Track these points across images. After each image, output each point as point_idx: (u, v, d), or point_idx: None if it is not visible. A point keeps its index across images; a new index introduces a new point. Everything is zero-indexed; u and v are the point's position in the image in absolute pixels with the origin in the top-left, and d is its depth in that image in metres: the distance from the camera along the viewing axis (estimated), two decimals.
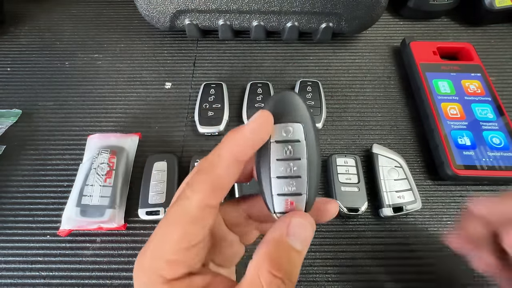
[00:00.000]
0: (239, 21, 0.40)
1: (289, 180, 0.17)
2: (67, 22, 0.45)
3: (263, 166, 0.17)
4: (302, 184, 0.17)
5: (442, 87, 0.36)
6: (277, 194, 0.17)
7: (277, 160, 0.17)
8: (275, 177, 0.17)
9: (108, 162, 0.31)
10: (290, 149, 0.16)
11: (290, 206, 0.17)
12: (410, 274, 0.28)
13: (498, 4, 0.41)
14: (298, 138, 0.17)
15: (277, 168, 0.17)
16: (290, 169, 0.17)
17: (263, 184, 0.17)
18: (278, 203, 0.17)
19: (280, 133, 0.17)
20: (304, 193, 0.17)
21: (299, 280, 0.28)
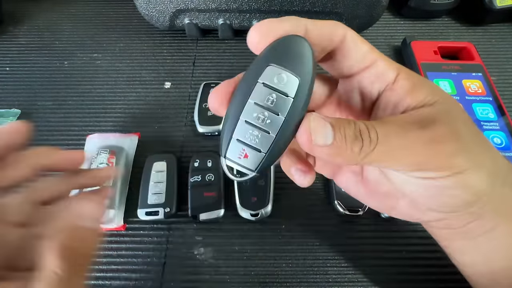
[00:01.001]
0: (239, 21, 0.40)
1: (256, 131, 0.15)
2: (66, 22, 0.45)
3: (237, 102, 0.15)
4: (267, 141, 0.15)
5: (443, 87, 0.36)
6: (237, 139, 0.15)
7: (254, 103, 0.15)
8: (244, 120, 0.15)
9: (107, 162, 0.31)
10: (273, 99, 0.14)
11: (243, 159, 0.15)
12: (412, 275, 0.28)
13: (499, 3, 0.41)
14: (288, 92, 0.14)
15: (250, 111, 0.15)
16: (263, 120, 0.14)
17: (228, 122, 0.15)
18: (233, 148, 0.15)
19: (272, 77, 0.14)
20: (264, 152, 0.15)
21: (299, 281, 0.27)
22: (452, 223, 0.19)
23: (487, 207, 0.17)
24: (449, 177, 0.16)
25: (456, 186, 0.16)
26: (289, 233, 0.30)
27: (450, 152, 0.16)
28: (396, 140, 0.15)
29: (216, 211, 0.29)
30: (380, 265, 0.28)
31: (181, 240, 0.29)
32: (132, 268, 0.28)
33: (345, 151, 0.15)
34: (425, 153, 0.15)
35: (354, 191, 0.22)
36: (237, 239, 0.29)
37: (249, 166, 0.15)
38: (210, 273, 0.28)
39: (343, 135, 0.15)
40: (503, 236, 0.19)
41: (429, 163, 0.16)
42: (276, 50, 0.15)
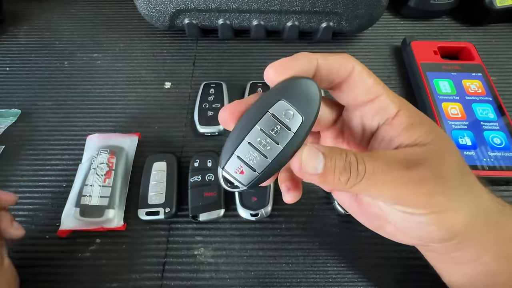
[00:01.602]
0: (239, 21, 0.40)
1: (256, 153, 0.17)
2: (66, 22, 0.45)
3: (245, 124, 0.17)
4: (263, 164, 0.17)
5: (443, 87, 0.36)
6: (237, 156, 0.17)
7: (260, 129, 0.17)
8: (248, 141, 0.17)
9: (107, 162, 0.31)
10: (277, 130, 0.17)
11: (239, 174, 0.17)
12: (412, 275, 0.28)
13: (499, 3, 0.41)
14: (291, 127, 0.17)
15: (255, 135, 0.17)
16: (264, 146, 0.17)
17: (233, 139, 0.17)
18: (232, 163, 0.17)
19: (281, 111, 0.17)
20: (258, 172, 0.17)
21: (299, 281, 0.28)
22: (436, 249, 0.20)
23: (468, 243, 0.19)
24: (425, 215, 0.17)
25: (431, 223, 0.17)
26: (289, 233, 0.30)
27: (430, 192, 0.17)
28: (381, 176, 0.17)
29: (216, 211, 0.29)
30: (380, 265, 0.28)
31: (181, 240, 0.29)
32: (132, 268, 0.28)
33: (333, 180, 0.17)
34: (406, 191, 0.17)
35: (348, 206, 0.23)
36: (237, 239, 0.29)
37: (242, 181, 0.17)
38: (210, 273, 0.28)
39: (333, 165, 0.16)
40: (487, 264, 0.20)
41: (408, 200, 0.17)
42: (289, 88, 0.17)
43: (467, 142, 0.32)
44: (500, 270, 0.20)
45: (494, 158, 0.31)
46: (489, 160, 0.31)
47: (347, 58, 0.18)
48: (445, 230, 0.18)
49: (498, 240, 0.19)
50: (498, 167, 0.31)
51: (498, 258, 0.20)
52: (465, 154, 0.32)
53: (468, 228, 0.18)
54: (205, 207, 0.29)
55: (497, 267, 0.20)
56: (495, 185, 0.32)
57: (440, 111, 0.34)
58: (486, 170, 0.31)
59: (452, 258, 0.20)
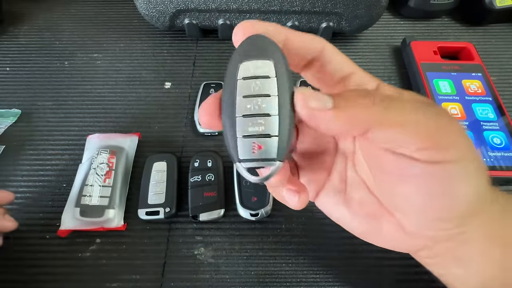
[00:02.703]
0: (239, 21, 0.39)
1: (257, 119, 0.14)
2: (67, 22, 0.45)
3: (227, 104, 0.15)
4: (272, 123, 0.14)
5: (443, 87, 0.36)
6: (243, 136, 0.14)
7: (243, 97, 0.15)
8: (241, 115, 0.14)
9: (107, 162, 0.31)
10: (258, 85, 0.14)
11: (258, 151, 0.14)
12: (412, 275, 0.28)
13: (499, 3, 0.41)
14: (268, 74, 0.15)
15: (243, 105, 0.14)
16: (258, 106, 0.14)
17: (227, 125, 0.15)
18: (243, 147, 0.14)
19: (248, 69, 0.15)
20: (275, 135, 0.14)
21: (299, 281, 0.28)
22: (439, 251, 0.18)
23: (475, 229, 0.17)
24: (457, 163, 0.15)
25: (465, 176, 0.15)
26: (289, 233, 0.30)
27: (458, 132, 0.15)
28: (411, 103, 0.15)
29: (216, 211, 0.29)
30: (380, 265, 0.28)
31: (181, 240, 0.29)
32: (132, 268, 0.28)
33: (354, 107, 0.14)
34: (436, 125, 0.14)
35: (335, 214, 0.20)
36: (237, 239, 0.29)
37: (268, 156, 0.14)
38: (210, 273, 0.28)
39: (347, 95, 0.14)
40: (497, 260, 0.18)
41: (440, 137, 0.14)
42: (243, 49, 0.15)
43: None
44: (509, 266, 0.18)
45: (494, 158, 0.31)
46: (489, 160, 0.31)
47: (316, 37, 0.17)
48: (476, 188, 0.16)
49: (503, 228, 0.18)
50: (498, 167, 0.31)
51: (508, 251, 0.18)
52: None
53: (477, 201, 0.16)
54: (205, 207, 0.29)
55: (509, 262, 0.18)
56: (495, 185, 0.32)
57: None
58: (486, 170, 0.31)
59: (458, 258, 0.18)
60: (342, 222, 0.21)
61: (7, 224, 0.26)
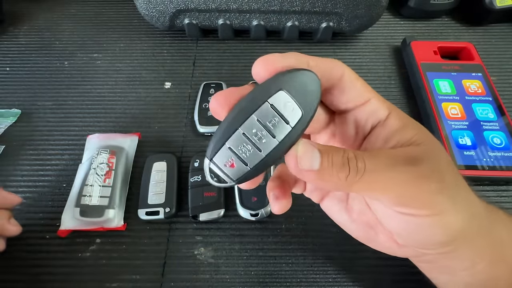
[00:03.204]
0: (239, 21, 0.40)
1: (250, 146, 0.15)
2: (67, 22, 0.45)
3: (240, 113, 0.15)
4: (256, 158, 0.15)
5: (443, 87, 0.36)
6: (229, 147, 0.15)
7: (257, 120, 0.15)
8: (242, 132, 0.15)
9: (107, 162, 0.31)
10: (274, 123, 0.15)
11: (228, 168, 0.16)
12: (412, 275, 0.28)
13: (499, 3, 0.41)
14: (290, 120, 0.15)
15: (250, 125, 0.15)
16: (259, 138, 0.15)
17: (224, 128, 0.15)
18: (222, 154, 0.15)
19: (282, 101, 0.15)
20: (249, 168, 0.15)
21: (299, 281, 0.28)
22: (430, 260, 0.20)
23: (463, 249, 0.18)
24: (429, 217, 0.16)
25: (434, 226, 0.17)
26: (289, 233, 0.30)
27: (432, 191, 0.16)
28: (383, 173, 0.16)
29: (216, 211, 0.29)
30: (380, 265, 0.28)
31: (181, 240, 0.29)
32: (132, 268, 0.28)
33: (331, 177, 0.16)
34: (409, 189, 0.16)
35: (337, 218, 0.23)
36: (237, 239, 0.29)
37: (232, 176, 0.16)
38: (210, 273, 0.28)
39: (330, 161, 0.16)
40: (481, 273, 0.20)
41: (412, 199, 0.16)
42: (291, 78, 0.15)
43: (467, 142, 0.32)
44: (498, 275, 0.20)
45: (494, 158, 0.31)
46: (489, 160, 0.31)
47: (337, 62, 0.18)
48: (446, 233, 0.17)
49: (491, 244, 0.19)
50: (498, 167, 0.31)
51: (494, 263, 0.19)
52: (465, 154, 0.32)
53: (465, 231, 0.18)
54: (205, 207, 0.29)
55: (494, 273, 0.20)
56: (495, 185, 0.32)
57: (440, 111, 0.34)
58: (486, 170, 0.31)
59: (447, 267, 0.20)
60: (342, 226, 0.23)
61: (11, 228, 0.26)
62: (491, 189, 0.32)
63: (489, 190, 0.32)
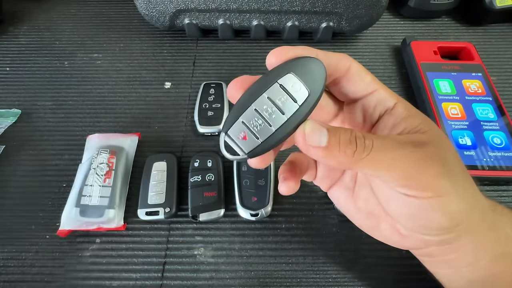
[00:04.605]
0: (239, 21, 0.40)
1: (261, 120, 0.17)
2: (67, 22, 0.45)
3: (253, 92, 0.17)
4: (267, 132, 0.17)
5: (443, 87, 0.36)
6: (242, 122, 0.17)
7: (267, 97, 0.17)
8: (254, 108, 0.17)
9: (107, 162, 0.31)
10: (284, 100, 0.17)
11: (241, 140, 0.17)
12: (412, 275, 0.28)
13: (499, 3, 0.41)
14: (297, 99, 0.17)
15: (262, 103, 0.17)
16: (270, 114, 0.17)
17: (239, 105, 0.17)
18: (236, 128, 0.17)
19: (291, 82, 0.17)
20: (260, 141, 0.17)
21: (299, 281, 0.28)
22: (432, 252, 0.20)
23: (465, 240, 0.18)
24: (430, 199, 0.17)
25: (435, 208, 0.17)
26: (289, 233, 0.30)
27: (436, 173, 0.17)
28: (390, 152, 0.17)
29: (216, 211, 0.29)
30: (380, 265, 0.28)
31: (181, 240, 0.29)
32: (132, 268, 0.28)
33: (338, 153, 0.16)
34: (414, 169, 0.17)
35: (343, 206, 0.24)
36: (237, 239, 0.29)
37: (244, 149, 0.17)
38: (210, 273, 0.28)
39: (338, 138, 0.16)
40: (484, 268, 0.20)
41: (416, 180, 0.17)
42: (297, 64, 0.17)
43: (467, 142, 0.32)
44: (501, 272, 0.20)
45: (494, 158, 0.31)
46: (489, 160, 0.31)
47: (344, 55, 0.19)
48: (448, 217, 0.17)
49: (495, 240, 0.19)
50: (498, 167, 0.31)
51: (497, 259, 0.20)
52: (465, 154, 0.32)
53: (467, 220, 0.18)
54: (205, 207, 0.29)
55: (497, 269, 0.20)
56: (495, 185, 0.32)
57: (440, 111, 0.34)
58: (486, 170, 0.31)
59: (449, 261, 0.20)
60: (347, 214, 0.24)
61: None
62: (491, 189, 0.32)
63: (489, 190, 0.32)
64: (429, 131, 0.18)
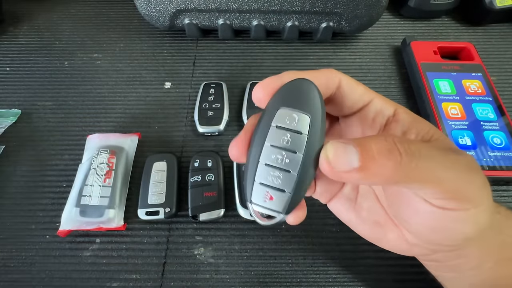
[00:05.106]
0: (239, 21, 0.40)
1: (277, 172, 0.15)
2: (67, 22, 0.45)
3: (255, 148, 0.16)
4: (290, 180, 0.15)
5: (443, 87, 0.36)
6: (260, 183, 0.15)
7: (271, 146, 0.15)
8: (264, 163, 0.15)
9: (107, 162, 0.31)
10: (288, 139, 0.15)
11: (268, 201, 0.15)
12: (412, 275, 0.28)
13: (499, 3, 0.41)
14: (301, 130, 0.15)
15: (268, 154, 0.15)
16: (282, 160, 0.15)
17: (249, 167, 0.16)
18: (257, 192, 0.15)
19: (284, 118, 0.15)
20: (288, 192, 0.15)
21: (299, 281, 0.28)
22: (438, 258, 0.20)
23: (472, 247, 0.18)
24: (468, 211, 0.15)
25: (467, 220, 0.15)
26: (289, 233, 0.30)
27: (481, 185, 0.15)
28: (439, 158, 0.14)
29: (216, 211, 0.29)
30: (380, 265, 0.28)
31: (181, 240, 0.29)
32: (132, 268, 0.28)
33: (378, 168, 0.13)
34: (462, 180, 0.15)
35: (345, 217, 0.22)
36: (237, 239, 0.29)
37: (276, 208, 0.15)
38: (210, 273, 0.28)
39: (373, 150, 0.13)
40: (488, 271, 0.19)
41: (463, 192, 0.15)
42: (285, 93, 0.15)
43: (467, 142, 0.32)
44: (505, 275, 0.20)
45: (494, 158, 0.31)
46: (489, 160, 0.31)
47: (332, 71, 0.18)
48: (476, 227, 0.16)
49: (499, 243, 0.19)
50: (498, 167, 0.31)
51: (501, 262, 0.19)
52: None
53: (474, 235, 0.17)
54: (205, 207, 0.29)
55: (501, 272, 0.20)
56: (495, 185, 0.32)
57: (440, 111, 0.34)
58: (486, 170, 0.31)
59: (454, 266, 0.20)
60: (350, 225, 0.22)
61: None
62: (491, 189, 0.32)
63: None
64: (439, 138, 0.17)
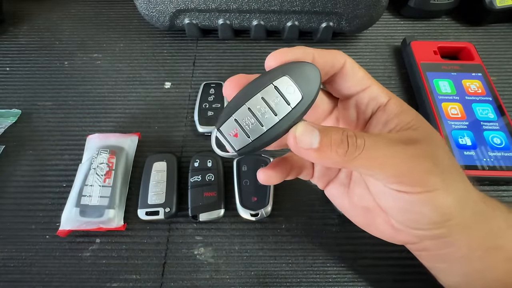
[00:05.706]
0: (239, 21, 0.40)
1: (253, 119, 0.17)
2: (66, 22, 0.45)
3: (247, 91, 0.18)
4: (258, 131, 0.17)
5: (443, 87, 0.36)
6: (235, 119, 0.17)
7: (261, 98, 0.17)
8: (247, 107, 0.17)
9: (107, 162, 0.31)
10: (277, 102, 0.17)
11: (232, 137, 0.17)
12: (412, 275, 0.28)
13: (499, 3, 0.41)
14: (290, 102, 0.17)
15: (255, 102, 0.17)
16: (262, 114, 0.17)
17: (233, 103, 0.18)
18: (228, 125, 0.17)
19: (285, 84, 0.17)
20: (250, 140, 0.17)
21: (299, 281, 0.28)
22: (427, 247, 0.21)
23: (458, 235, 0.19)
24: (420, 194, 0.17)
25: (424, 203, 0.18)
26: (289, 233, 0.30)
27: (427, 170, 0.17)
28: (382, 150, 0.17)
29: (216, 211, 0.29)
30: (380, 265, 0.28)
31: (181, 240, 0.29)
32: (132, 268, 0.28)
33: (330, 153, 0.17)
34: (405, 166, 0.17)
35: (339, 203, 0.24)
36: (237, 239, 0.29)
37: (234, 145, 0.18)
38: (210, 273, 0.28)
39: (329, 139, 0.17)
40: (478, 260, 0.20)
41: (407, 176, 0.17)
42: (293, 68, 0.18)
43: (467, 142, 0.32)
44: (494, 264, 0.20)
45: (494, 158, 0.31)
46: (489, 160, 0.31)
47: (339, 53, 0.19)
48: (438, 212, 0.18)
49: (488, 232, 0.20)
50: (498, 167, 0.31)
51: (491, 251, 0.20)
52: (465, 154, 0.32)
53: (459, 215, 0.18)
54: (205, 207, 0.29)
55: (491, 261, 0.20)
56: (495, 185, 0.32)
57: (440, 111, 0.34)
58: (486, 170, 0.31)
59: (444, 255, 0.20)
60: (343, 210, 0.25)
61: None
62: (491, 189, 0.32)
63: (489, 190, 0.32)
64: (420, 128, 0.19)
